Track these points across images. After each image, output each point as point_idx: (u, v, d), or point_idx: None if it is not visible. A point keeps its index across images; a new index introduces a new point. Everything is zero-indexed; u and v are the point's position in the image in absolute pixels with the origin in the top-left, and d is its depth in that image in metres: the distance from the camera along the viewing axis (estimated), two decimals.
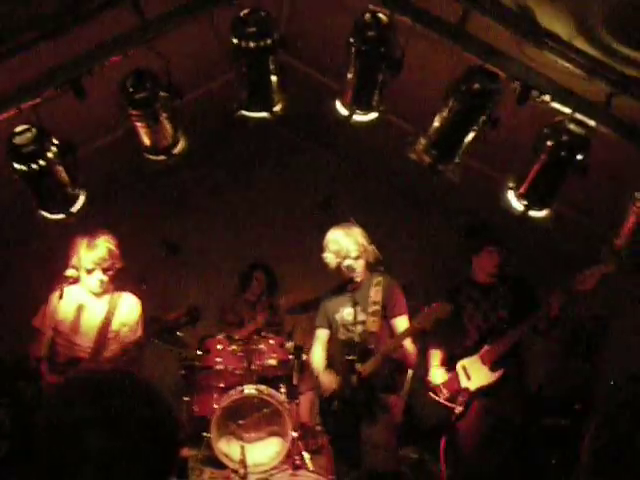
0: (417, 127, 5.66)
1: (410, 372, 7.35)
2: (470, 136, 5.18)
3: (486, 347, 6.17)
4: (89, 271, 5.86)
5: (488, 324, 6.24)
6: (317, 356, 6.42)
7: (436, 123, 5.28)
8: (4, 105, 5.00)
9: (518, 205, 5.28)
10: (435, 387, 6.41)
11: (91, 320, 5.96)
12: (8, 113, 5.00)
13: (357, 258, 6.07)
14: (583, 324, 7.69)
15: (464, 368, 6.26)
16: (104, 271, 5.87)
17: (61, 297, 5.76)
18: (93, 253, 5.79)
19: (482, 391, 6.17)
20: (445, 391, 6.31)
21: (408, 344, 6.11)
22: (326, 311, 6.40)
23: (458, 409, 6.19)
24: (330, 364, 6.35)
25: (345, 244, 6.05)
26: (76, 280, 5.88)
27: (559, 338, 7.33)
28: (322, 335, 6.45)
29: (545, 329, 6.02)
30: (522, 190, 5.23)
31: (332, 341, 6.42)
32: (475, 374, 6.18)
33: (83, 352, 5.84)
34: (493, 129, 5.06)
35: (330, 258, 6.13)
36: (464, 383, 6.22)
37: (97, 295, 5.99)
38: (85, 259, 5.81)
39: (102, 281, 5.93)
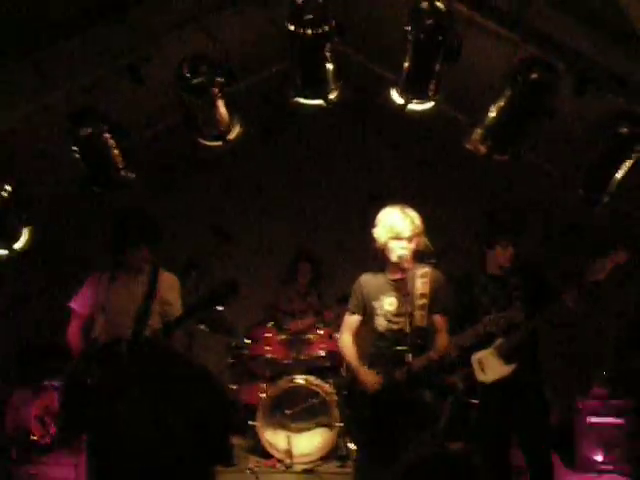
0: (473, 117, 5.61)
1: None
2: (527, 127, 5.11)
3: (500, 340, 6.04)
4: (130, 250, 5.79)
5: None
6: (349, 344, 5.92)
7: (492, 113, 5.22)
8: (60, 88, 5.07)
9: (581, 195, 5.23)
10: (451, 382, 6.29)
11: (131, 299, 5.92)
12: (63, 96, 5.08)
13: (409, 240, 5.58)
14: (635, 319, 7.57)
15: (479, 361, 6.13)
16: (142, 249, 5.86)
17: (113, 279, 5.80)
18: (132, 232, 5.75)
19: (497, 384, 6.07)
20: (461, 385, 6.22)
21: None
22: (363, 296, 5.86)
23: (474, 402, 6.11)
24: (361, 353, 6.07)
25: (400, 222, 5.56)
26: (121, 263, 5.90)
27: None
28: (354, 321, 5.92)
29: (560, 323, 5.90)
30: (579, 180, 5.18)
31: (364, 329, 5.93)
32: (490, 367, 6.07)
33: (124, 331, 5.79)
34: (550, 119, 5.00)
35: (380, 234, 5.62)
36: (480, 377, 6.10)
37: (136, 274, 6.00)
38: (124, 238, 5.75)
39: (141, 258, 5.83)
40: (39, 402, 7.01)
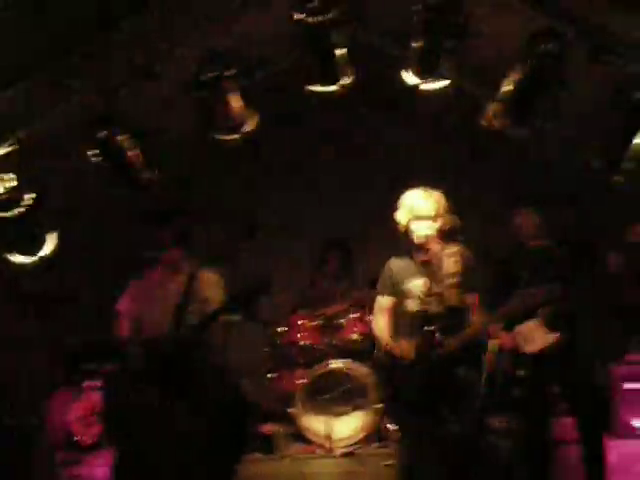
0: (487, 92, 5.59)
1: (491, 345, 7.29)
2: (539, 99, 5.09)
3: (543, 309, 6.01)
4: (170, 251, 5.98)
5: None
6: (382, 326, 5.92)
7: (505, 87, 5.20)
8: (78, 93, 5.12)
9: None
10: (491, 355, 6.26)
11: (169, 297, 6.00)
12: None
13: (432, 220, 5.58)
14: None
15: (523, 332, 6.14)
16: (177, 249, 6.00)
17: (152, 279, 6.06)
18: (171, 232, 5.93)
19: (540, 354, 6.06)
20: (505, 357, 6.21)
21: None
22: (391, 278, 5.88)
23: (519, 373, 6.11)
24: (395, 335, 5.85)
25: (421, 203, 5.58)
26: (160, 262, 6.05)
27: None
28: (386, 303, 5.92)
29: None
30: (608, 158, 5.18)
31: (396, 311, 5.91)
32: (534, 337, 6.07)
33: (162, 329, 5.86)
34: (564, 91, 4.97)
35: (402, 216, 5.64)
36: (524, 347, 6.11)
37: (174, 272, 6.08)
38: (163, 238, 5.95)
39: (178, 257, 6.03)
40: (81, 403, 7.09)
